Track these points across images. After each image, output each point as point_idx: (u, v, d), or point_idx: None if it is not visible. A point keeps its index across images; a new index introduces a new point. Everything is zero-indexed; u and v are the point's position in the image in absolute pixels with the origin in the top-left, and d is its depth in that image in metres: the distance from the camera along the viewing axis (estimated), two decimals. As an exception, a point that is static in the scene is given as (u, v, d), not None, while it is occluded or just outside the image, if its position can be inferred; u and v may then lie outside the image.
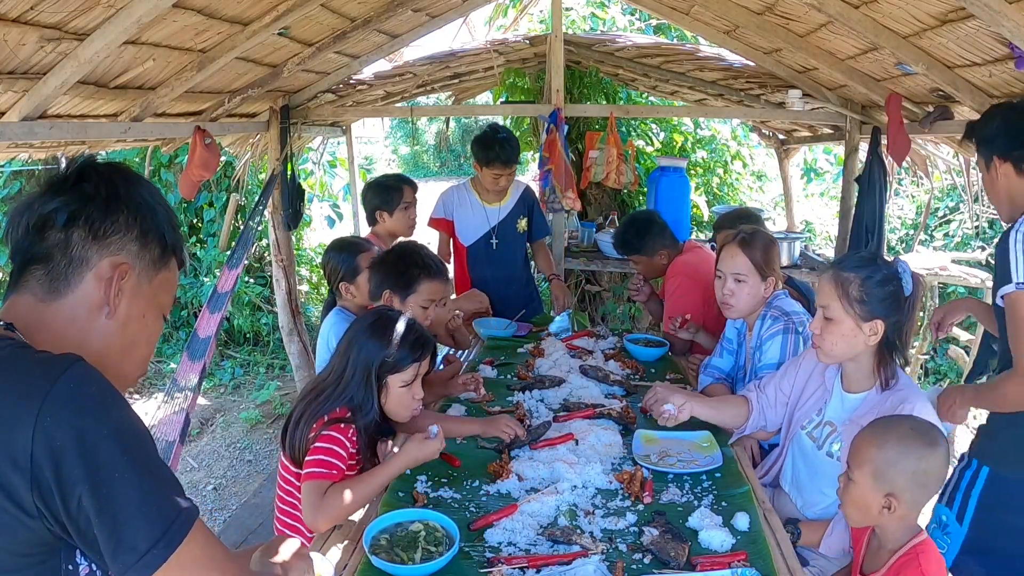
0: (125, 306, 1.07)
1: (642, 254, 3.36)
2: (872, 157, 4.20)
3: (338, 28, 3.86)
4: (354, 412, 1.96)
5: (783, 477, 2.17)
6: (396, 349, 1.96)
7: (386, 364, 1.96)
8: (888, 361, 1.94)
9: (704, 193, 6.40)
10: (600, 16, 6.45)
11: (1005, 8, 2.17)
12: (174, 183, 6.73)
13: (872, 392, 1.96)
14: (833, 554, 1.91)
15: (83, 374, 0.93)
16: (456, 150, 21.13)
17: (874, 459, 1.58)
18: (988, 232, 7.04)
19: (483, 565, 1.63)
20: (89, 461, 0.89)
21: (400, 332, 1.99)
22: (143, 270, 1.08)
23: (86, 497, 0.89)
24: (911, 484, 1.56)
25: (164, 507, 0.95)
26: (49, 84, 2.53)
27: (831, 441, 1.99)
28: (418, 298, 2.45)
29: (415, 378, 2.01)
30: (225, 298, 4.00)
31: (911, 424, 1.62)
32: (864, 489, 1.60)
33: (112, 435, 0.92)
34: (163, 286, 1.13)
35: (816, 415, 2.08)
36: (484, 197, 3.74)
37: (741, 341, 2.66)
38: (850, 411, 1.98)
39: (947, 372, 6.65)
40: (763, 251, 2.47)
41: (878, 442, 1.59)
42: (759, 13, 3.74)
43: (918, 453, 1.56)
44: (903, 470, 1.56)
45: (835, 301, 1.92)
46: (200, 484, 4.71)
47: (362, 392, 1.96)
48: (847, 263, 1.96)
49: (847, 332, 1.92)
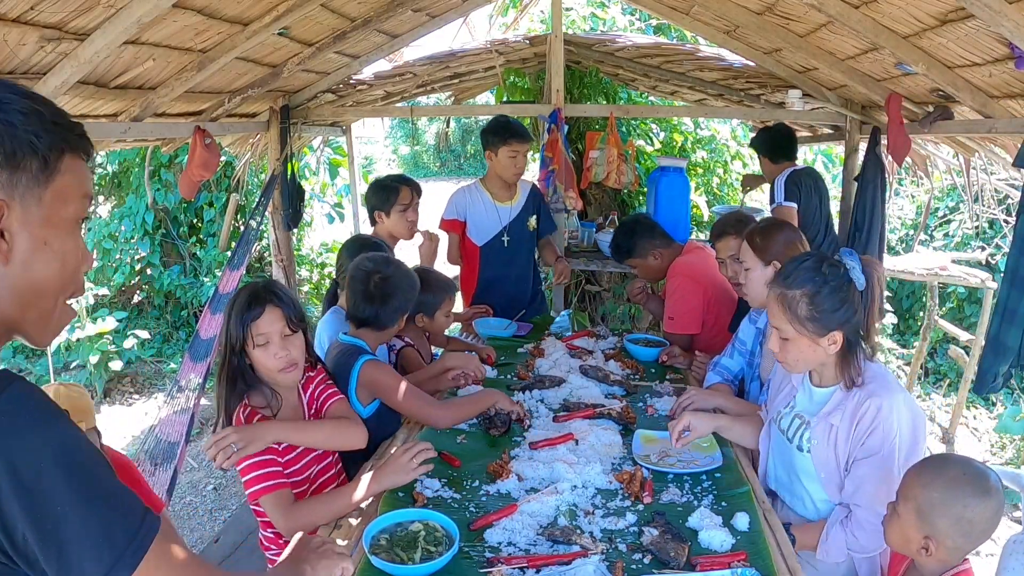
0: (21, 244, 0.90)
1: (634, 257, 3.35)
2: (872, 157, 4.20)
3: (338, 28, 3.86)
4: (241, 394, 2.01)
5: (768, 477, 2.15)
6: (237, 314, 1.99)
7: (234, 332, 1.99)
8: (850, 361, 1.87)
9: (704, 193, 6.40)
10: (600, 16, 6.45)
11: (1005, 8, 2.17)
12: (174, 183, 6.74)
13: (839, 387, 1.91)
14: (832, 559, 1.89)
15: (18, 396, 0.85)
16: (456, 150, 21.13)
17: (918, 497, 1.52)
18: (988, 232, 7.04)
19: (483, 565, 1.63)
20: (27, 496, 0.83)
21: (240, 296, 2.02)
22: (25, 194, 0.90)
23: (29, 533, 0.84)
24: (953, 531, 1.49)
25: (114, 536, 0.89)
26: (49, 84, 2.53)
27: (800, 434, 1.96)
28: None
29: (265, 338, 1.99)
30: (227, 299, 3.99)
31: (964, 468, 1.53)
32: (906, 525, 1.55)
33: (53, 463, 0.85)
34: (61, 196, 0.94)
35: (785, 408, 2.05)
36: (496, 196, 3.74)
37: (755, 347, 2.62)
38: (819, 405, 1.94)
39: (947, 372, 6.65)
40: (766, 238, 2.42)
41: (925, 481, 1.53)
42: (759, 13, 3.74)
43: (965, 501, 1.48)
44: (946, 515, 1.49)
45: (786, 324, 1.84)
46: (200, 484, 4.71)
47: (230, 366, 2.01)
48: (792, 279, 1.85)
49: (805, 348, 1.85)
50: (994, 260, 6.58)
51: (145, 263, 7.08)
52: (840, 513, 1.90)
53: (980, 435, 5.55)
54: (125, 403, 6.07)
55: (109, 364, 6.00)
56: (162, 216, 7.04)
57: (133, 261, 7.05)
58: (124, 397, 6.18)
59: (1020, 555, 1.98)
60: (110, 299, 6.99)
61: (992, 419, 5.73)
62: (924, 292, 6.43)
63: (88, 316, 6.23)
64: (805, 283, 1.83)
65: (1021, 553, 1.98)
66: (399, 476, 1.95)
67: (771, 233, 2.44)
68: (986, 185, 5.47)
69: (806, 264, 1.87)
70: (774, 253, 2.40)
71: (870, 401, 1.81)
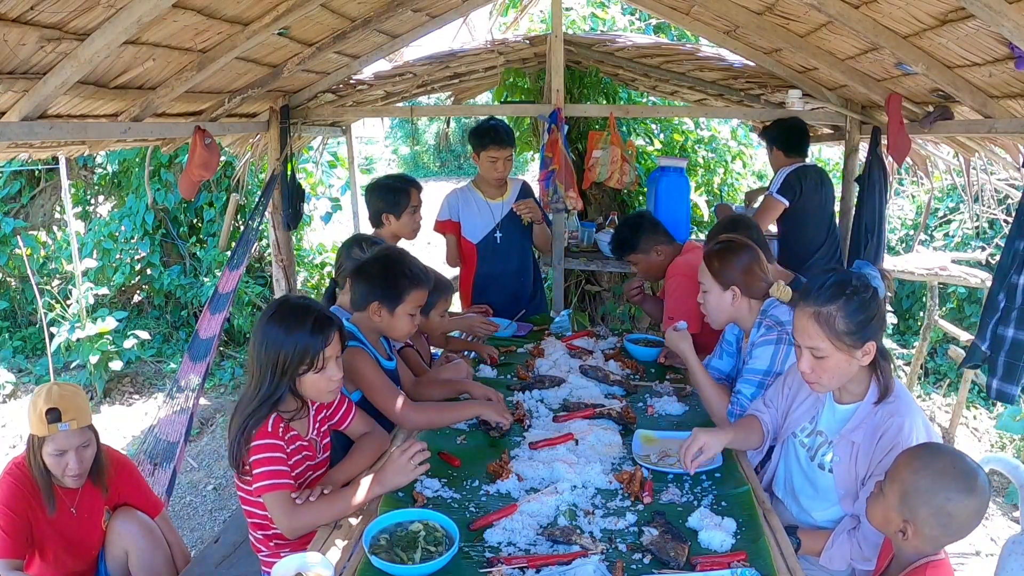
0: None
1: (637, 252, 3.36)
2: (872, 157, 4.20)
3: (338, 28, 3.86)
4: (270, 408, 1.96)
5: (776, 483, 2.15)
6: (299, 339, 1.94)
7: (293, 356, 1.94)
8: (883, 371, 1.87)
9: (704, 193, 6.40)
10: (600, 16, 6.44)
11: (1005, 8, 2.17)
12: (174, 183, 6.74)
13: (864, 404, 1.91)
14: (834, 567, 1.89)
15: None
16: (456, 150, 21.12)
17: (905, 481, 1.55)
18: (988, 232, 7.03)
19: (483, 565, 1.63)
20: None
21: (297, 321, 1.96)
22: None
23: None
24: (932, 521, 1.52)
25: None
26: (49, 84, 2.53)
27: (823, 452, 1.97)
28: (406, 307, 2.41)
29: (325, 363, 1.98)
30: (227, 299, 3.99)
31: (954, 462, 1.55)
32: (889, 506, 1.58)
33: None
34: None
35: (809, 423, 2.05)
36: (487, 193, 3.76)
37: (740, 345, 2.66)
38: (841, 422, 1.95)
39: (947, 372, 6.65)
40: (723, 263, 2.44)
41: (916, 467, 1.55)
42: (759, 13, 3.74)
43: (948, 494, 1.51)
44: (927, 503, 1.52)
45: (823, 341, 1.81)
46: (200, 484, 4.71)
47: (275, 388, 1.95)
48: (821, 295, 1.83)
49: (841, 363, 1.84)
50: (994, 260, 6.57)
51: (145, 263, 7.07)
52: (850, 523, 1.90)
53: (980, 435, 5.55)
54: (125, 403, 6.07)
55: (109, 364, 6.00)
56: (162, 216, 7.04)
57: (133, 261, 7.04)
58: (124, 397, 6.18)
59: (1019, 555, 1.98)
60: (110, 299, 6.99)
61: (992, 419, 5.73)
62: (924, 292, 6.42)
63: (88, 316, 6.23)
64: (838, 297, 1.81)
65: (1020, 554, 1.98)
66: (399, 477, 1.95)
67: (728, 257, 2.45)
68: (986, 185, 5.48)
69: (833, 279, 1.85)
70: (732, 278, 2.43)
71: (892, 420, 1.82)
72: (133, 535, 2.41)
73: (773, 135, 4.18)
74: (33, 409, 2.19)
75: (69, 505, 2.32)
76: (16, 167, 6.91)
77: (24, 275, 6.84)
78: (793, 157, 4.09)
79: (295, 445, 2.03)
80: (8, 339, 6.97)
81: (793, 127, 4.13)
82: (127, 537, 2.40)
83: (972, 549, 3.88)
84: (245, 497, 2.03)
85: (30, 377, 6.45)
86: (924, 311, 6.13)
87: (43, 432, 2.17)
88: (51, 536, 2.28)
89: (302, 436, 2.08)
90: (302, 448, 2.06)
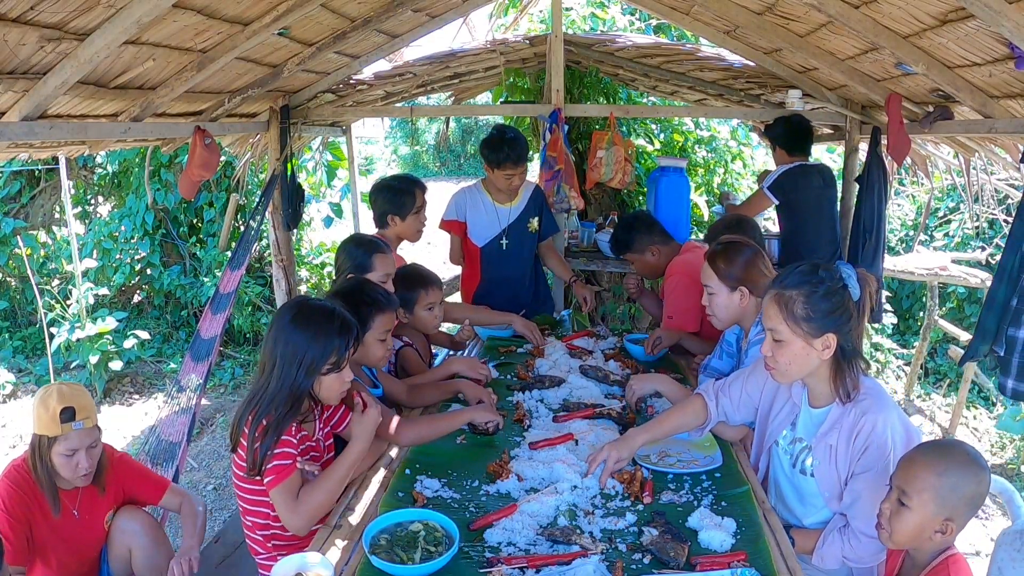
0: None
1: (632, 251, 3.37)
2: (872, 157, 4.19)
3: (338, 28, 3.86)
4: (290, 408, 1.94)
5: (767, 493, 2.15)
6: (327, 339, 1.95)
7: (321, 356, 1.94)
8: (845, 372, 1.88)
9: (704, 193, 6.39)
10: (600, 16, 6.43)
11: (1005, 8, 2.17)
12: (174, 183, 6.74)
13: (834, 406, 1.92)
14: (827, 566, 1.90)
15: None
16: (456, 150, 21.10)
17: (935, 486, 1.58)
18: (988, 232, 7.04)
19: (483, 565, 1.63)
20: None
21: (322, 322, 1.97)
22: None
23: None
24: (967, 507, 1.59)
25: None
26: (49, 84, 2.53)
27: (803, 457, 1.98)
28: (375, 333, 2.38)
29: (341, 365, 1.99)
30: (228, 299, 3.99)
31: (964, 449, 1.64)
32: (923, 515, 1.59)
33: None
34: None
35: (789, 430, 2.06)
36: (496, 197, 3.74)
37: (739, 345, 2.66)
38: (816, 426, 1.96)
39: (947, 372, 6.65)
40: (729, 263, 2.45)
41: (940, 469, 1.59)
42: (759, 13, 3.74)
43: (978, 477, 1.59)
44: (963, 494, 1.58)
45: (781, 324, 1.85)
46: (200, 484, 4.71)
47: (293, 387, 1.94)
48: (788, 280, 1.88)
49: (798, 351, 1.86)
50: (994, 260, 6.57)
51: (145, 263, 7.08)
52: (839, 521, 1.91)
53: (980, 435, 5.55)
54: (125, 403, 6.07)
55: (109, 364, 6.00)
56: (162, 216, 7.04)
57: (133, 261, 7.04)
58: (124, 397, 6.18)
59: (1008, 547, 2.05)
60: (110, 299, 6.99)
61: (992, 419, 5.73)
62: (924, 292, 6.43)
63: (88, 316, 6.23)
64: (801, 284, 1.85)
65: (1009, 545, 2.05)
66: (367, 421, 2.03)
67: (732, 256, 2.46)
68: (986, 185, 5.48)
69: (802, 267, 1.90)
70: (739, 278, 2.44)
71: (865, 418, 1.83)
72: (136, 533, 2.40)
73: (775, 133, 4.16)
74: (44, 409, 2.17)
75: (71, 507, 2.31)
76: (16, 167, 6.91)
77: (24, 275, 6.84)
78: (796, 156, 4.08)
79: (304, 446, 2.03)
80: (8, 339, 6.97)
81: (795, 126, 4.10)
82: (130, 535, 2.40)
83: (972, 549, 3.88)
84: (244, 496, 2.03)
85: (30, 377, 6.45)
86: (924, 311, 6.13)
87: (55, 432, 2.16)
88: (53, 540, 2.27)
89: (311, 437, 2.08)
90: (310, 449, 2.07)
